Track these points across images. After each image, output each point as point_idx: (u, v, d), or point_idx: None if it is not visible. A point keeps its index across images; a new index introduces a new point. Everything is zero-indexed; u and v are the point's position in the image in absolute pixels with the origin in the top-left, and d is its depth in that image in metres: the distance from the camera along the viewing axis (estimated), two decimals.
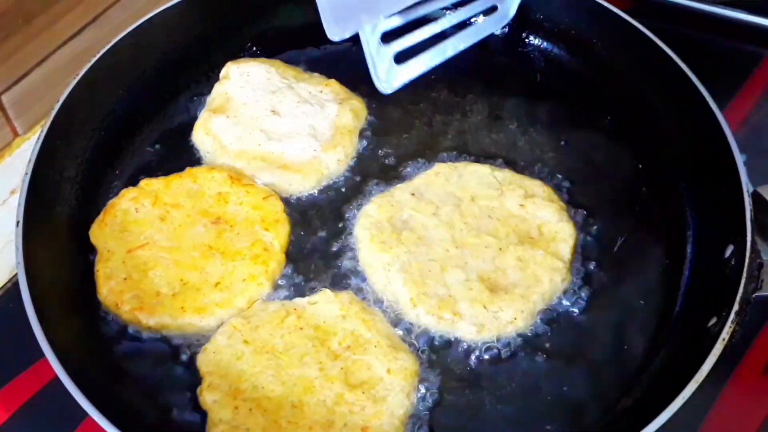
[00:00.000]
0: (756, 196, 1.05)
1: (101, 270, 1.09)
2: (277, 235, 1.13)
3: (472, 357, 1.04)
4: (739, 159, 1.07)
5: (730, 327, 0.94)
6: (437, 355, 1.04)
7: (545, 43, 1.37)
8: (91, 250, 1.12)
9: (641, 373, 1.03)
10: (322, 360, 1.01)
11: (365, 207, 1.17)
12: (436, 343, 1.05)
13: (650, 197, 1.20)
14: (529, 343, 1.05)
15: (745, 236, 1.00)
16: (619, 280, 1.11)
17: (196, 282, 1.08)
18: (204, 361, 1.02)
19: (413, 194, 1.17)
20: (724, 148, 1.09)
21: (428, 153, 1.24)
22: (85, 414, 0.89)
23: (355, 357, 1.01)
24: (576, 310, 1.08)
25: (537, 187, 1.18)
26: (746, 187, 1.05)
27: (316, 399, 0.98)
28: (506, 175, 1.19)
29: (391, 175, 1.22)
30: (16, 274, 1.00)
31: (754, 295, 0.98)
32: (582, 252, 1.13)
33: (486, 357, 1.04)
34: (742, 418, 1.06)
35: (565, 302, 1.09)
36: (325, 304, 1.06)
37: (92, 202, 1.18)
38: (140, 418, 0.99)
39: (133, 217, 1.14)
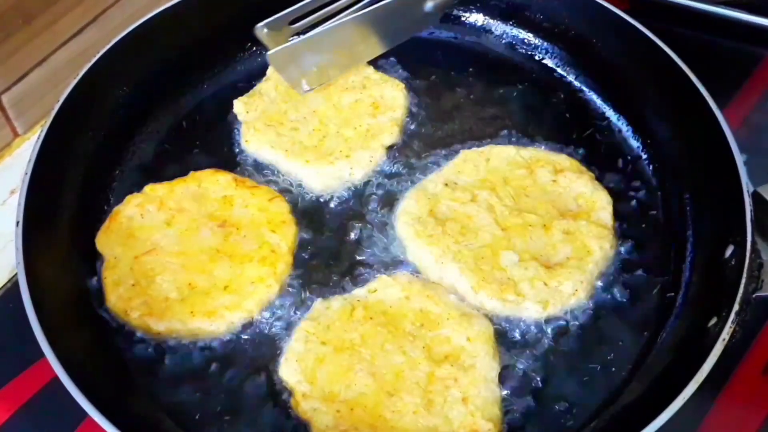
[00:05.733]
0: (756, 196, 1.05)
1: (109, 277, 1.08)
2: (284, 236, 1.12)
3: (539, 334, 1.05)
4: (739, 159, 1.07)
5: (730, 327, 0.94)
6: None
7: (545, 43, 1.37)
8: (91, 249, 1.12)
9: (640, 372, 1.03)
10: (402, 344, 1.00)
11: (401, 204, 1.16)
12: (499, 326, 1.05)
13: (650, 198, 1.20)
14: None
15: (746, 236, 1.00)
16: (616, 280, 1.11)
17: (205, 286, 1.07)
18: (288, 373, 0.99)
19: (446, 184, 1.16)
20: (724, 147, 1.09)
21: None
22: (85, 414, 0.89)
23: (431, 334, 1.01)
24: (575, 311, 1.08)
25: (564, 160, 1.19)
26: (746, 187, 1.05)
27: (409, 383, 0.97)
28: (531, 153, 1.19)
29: (415, 168, 1.22)
30: (16, 274, 1.00)
31: (754, 296, 0.98)
32: None
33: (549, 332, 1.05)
34: (742, 418, 1.06)
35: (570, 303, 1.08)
36: (385, 289, 1.05)
37: (92, 202, 1.18)
38: (141, 417, 0.98)
39: (138, 223, 1.13)
